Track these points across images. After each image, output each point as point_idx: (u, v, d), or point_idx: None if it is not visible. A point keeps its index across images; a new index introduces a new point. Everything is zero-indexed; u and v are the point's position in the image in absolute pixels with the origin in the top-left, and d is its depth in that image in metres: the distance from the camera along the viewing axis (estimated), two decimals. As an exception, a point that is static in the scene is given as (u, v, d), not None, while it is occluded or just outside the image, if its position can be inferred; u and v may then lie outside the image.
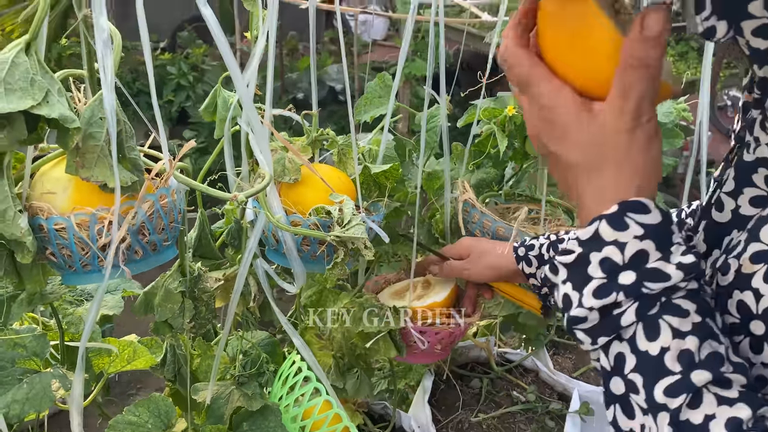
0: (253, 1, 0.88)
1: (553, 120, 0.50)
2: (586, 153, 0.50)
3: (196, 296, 0.87)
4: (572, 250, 0.51)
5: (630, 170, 0.49)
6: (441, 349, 1.07)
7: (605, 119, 0.49)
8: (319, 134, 1.03)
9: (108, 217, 0.67)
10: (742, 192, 0.56)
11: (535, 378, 1.40)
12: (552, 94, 0.50)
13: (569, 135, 0.50)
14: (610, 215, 0.49)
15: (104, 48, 0.62)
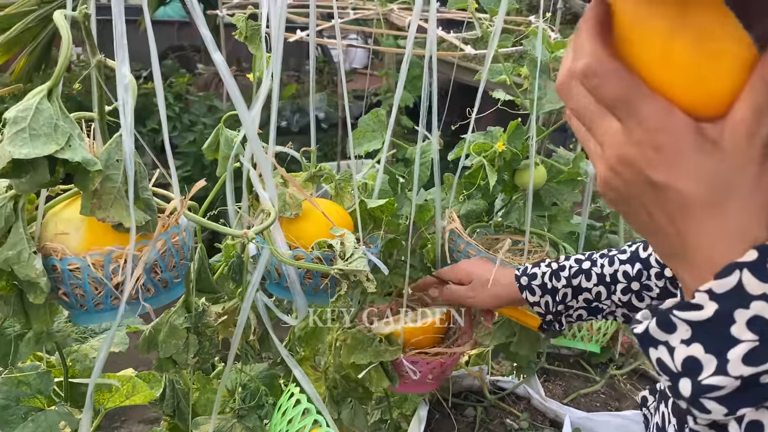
0: (257, 45, 0.91)
1: (662, 146, 0.41)
2: (706, 185, 0.41)
3: (200, 331, 0.89)
4: (702, 305, 0.42)
5: (757, 208, 0.42)
6: (433, 379, 1.09)
7: (731, 146, 0.41)
8: (317, 170, 1.06)
9: (123, 256, 0.69)
10: None
11: (527, 405, 1.42)
12: (661, 115, 0.41)
13: (684, 163, 0.41)
14: (753, 263, 0.41)
15: (125, 94, 0.64)
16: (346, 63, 6.59)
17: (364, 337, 0.98)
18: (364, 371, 1.03)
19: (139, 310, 0.74)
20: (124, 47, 0.68)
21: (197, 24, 0.75)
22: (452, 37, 2.43)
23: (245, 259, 0.94)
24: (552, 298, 1.00)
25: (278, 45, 0.85)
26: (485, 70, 1.20)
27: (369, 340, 0.99)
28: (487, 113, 1.43)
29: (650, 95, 0.41)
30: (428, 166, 1.22)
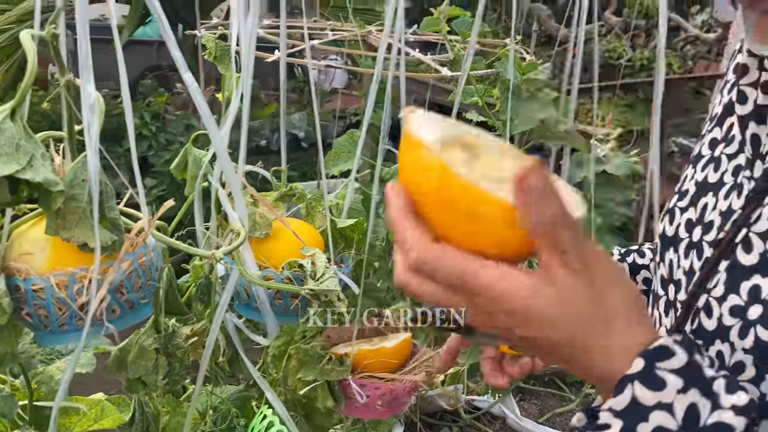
0: (227, 65, 0.92)
1: (512, 308, 0.43)
2: (567, 324, 0.43)
3: (170, 353, 0.88)
4: (609, 424, 0.43)
5: (620, 315, 0.44)
6: (382, 406, 1.05)
7: (565, 282, 0.43)
8: (288, 189, 1.06)
9: (88, 277, 0.68)
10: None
11: (502, 425, 1.42)
12: (497, 279, 0.43)
13: (539, 315, 0.43)
14: (641, 374, 0.42)
15: (90, 113, 0.64)
16: (326, 83, 6.63)
17: (315, 354, 0.98)
18: (307, 388, 1.02)
19: (103, 331, 0.73)
20: (89, 68, 0.68)
21: (168, 45, 0.75)
22: (428, 59, 2.46)
23: (213, 280, 0.93)
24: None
25: (248, 64, 0.85)
26: (458, 92, 1.22)
27: (319, 357, 0.98)
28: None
29: (480, 265, 0.43)
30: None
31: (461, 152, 0.46)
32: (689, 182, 0.67)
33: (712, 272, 0.57)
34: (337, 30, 3.26)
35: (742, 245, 0.54)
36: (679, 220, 0.65)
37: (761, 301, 0.51)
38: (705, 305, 0.56)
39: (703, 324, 0.56)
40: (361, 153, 1.17)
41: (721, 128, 0.65)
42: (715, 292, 0.55)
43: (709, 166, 0.64)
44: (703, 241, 0.60)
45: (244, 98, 0.88)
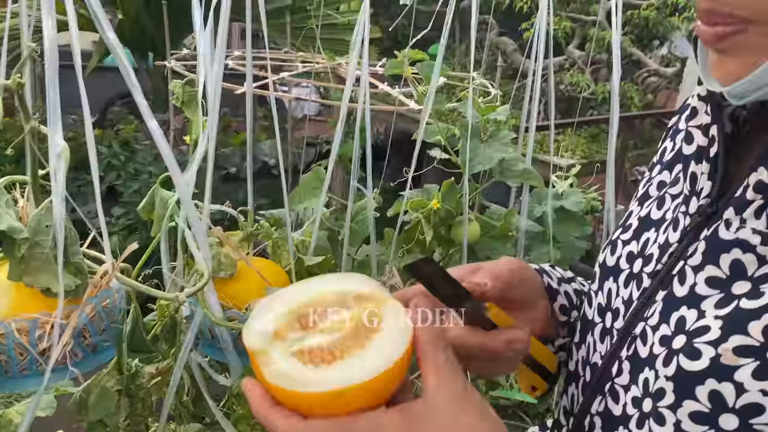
0: (194, 109, 0.94)
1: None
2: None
3: (132, 393, 0.88)
4: None
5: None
6: None
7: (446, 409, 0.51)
8: (254, 229, 1.08)
9: (50, 322, 0.69)
10: (703, 269, 0.55)
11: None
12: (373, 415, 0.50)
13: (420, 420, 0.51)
14: None
15: (57, 161, 0.66)
16: (298, 110, 6.66)
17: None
18: None
19: (66, 375, 0.74)
20: (57, 116, 0.69)
21: (132, 92, 0.77)
22: (396, 92, 2.50)
23: (179, 320, 0.94)
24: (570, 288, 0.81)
25: (214, 110, 0.88)
26: (420, 131, 1.26)
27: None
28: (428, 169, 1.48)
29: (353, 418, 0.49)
30: (366, 222, 1.26)
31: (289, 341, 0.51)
32: (633, 218, 0.70)
33: (650, 301, 0.59)
34: (307, 62, 3.31)
35: (678, 277, 0.57)
36: (620, 252, 0.68)
37: (685, 331, 0.53)
38: (641, 333, 0.59)
39: (638, 351, 0.58)
40: (330, 186, 1.20)
41: (671, 173, 0.69)
42: (651, 321, 0.58)
43: (653, 203, 0.68)
44: (642, 273, 0.63)
45: (209, 142, 0.90)
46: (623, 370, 0.60)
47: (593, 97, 4.37)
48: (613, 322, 0.65)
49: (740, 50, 0.50)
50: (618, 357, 0.61)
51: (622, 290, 0.65)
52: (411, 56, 1.26)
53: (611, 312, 0.66)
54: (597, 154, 3.81)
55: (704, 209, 0.58)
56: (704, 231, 0.57)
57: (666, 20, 4.74)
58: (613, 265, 0.67)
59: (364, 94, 1.12)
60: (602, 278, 0.69)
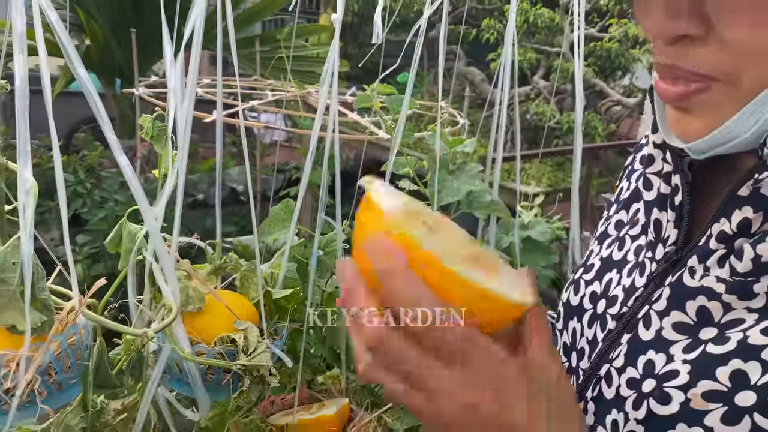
0: (163, 143, 0.94)
1: (500, 389, 0.44)
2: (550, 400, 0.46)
3: (97, 430, 0.87)
4: None
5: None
6: None
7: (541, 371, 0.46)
8: (222, 262, 1.08)
9: (15, 360, 0.68)
10: (669, 314, 0.56)
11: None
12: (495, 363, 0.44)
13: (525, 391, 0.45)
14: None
15: (26, 198, 0.66)
16: (267, 136, 6.66)
17: (255, 427, 0.98)
18: None
19: (31, 413, 0.72)
20: (27, 153, 0.69)
21: (103, 129, 0.77)
22: (366, 121, 2.54)
23: (145, 354, 0.93)
24: None
25: (184, 146, 0.88)
26: (390, 163, 1.28)
27: (259, 430, 0.99)
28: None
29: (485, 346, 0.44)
30: (335, 254, 1.26)
31: (424, 227, 0.45)
32: (595, 257, 0.71)
33: (615, 344, 0.60)
34: (277, 90, 3.33)
35: (643, 321, 0.58)
36: (584, 291, 0.68)
37: (654, 375, 0.54)
38: (606, 374, 0.59)
39: (603, 392, 0.59)
40: (297, 221, 1.21)
41: (627, 212, 0.70)
42: (616, 363, 0.59)
43: (614, 245, 0.69)
44: (606, 314, 0.63)
45: (179, 176, 0.90)
46: (588, 411, 0.61)
47: (558, 127, 4.49)
48: (578, 362, 0.65)
49: (703, 109, 0.49)
50: (584, 397, 0.61)
51: (586, 330, 0.65)
52: (379, 90, 1.28)
53: (576, 352, 0.66)
54: (563, 182, 3.90)
55: (670, 256, 0.58)
56: (669, 277, 0.58)
57: (627, 52, 4.90)
58: (577, 304, 0.68)
59: (333, 123, 1.14)
60: (566, 317, 0.70)
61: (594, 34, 4.92)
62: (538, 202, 1.61)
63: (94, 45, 3.98)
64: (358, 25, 5.98)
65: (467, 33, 4.98)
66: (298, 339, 1.23)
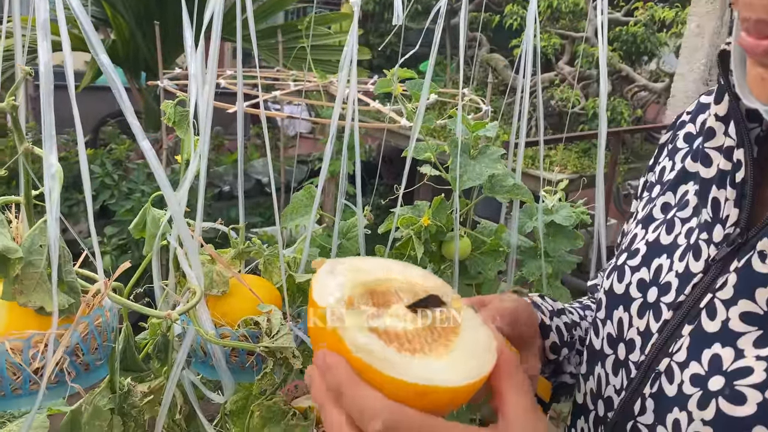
0: (185, 129, 0.95)
1: None
2: None
3: (125, 412, 0.88)
4: None
5: None
6: None
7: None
8: (245, 246, 1.09)
9: (43, 341, 0.70)
10: (736, 303, 0.52)
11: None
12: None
13: None
14: None
15: (51, 182, 0.67)
16: (290, 128, 6.69)
17: (278, 410, 0.99)
18: None
19: (59, 394, 0.74)
20: (52, 137, 0.70)
21: (125, 114, 0.78)
22: (387, 110, 2.53)
23: (171, 337, 0.95)
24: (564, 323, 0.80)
25: (206, 130, 0.89)
26: (410, 147, 1.27)
27: (282, 413, 1.00)
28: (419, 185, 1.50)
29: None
30: (357, 240, 1.27)
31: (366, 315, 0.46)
32: (639, 242, 0.66)
33: (674, 336, 0.56)
34: (299, 80, 3.34)
35: (706, 311, 0.54)
36: (629, 279, 0.64)
37: (722, 372, 0.50)
38: (667, 369, 0.55)
39: (663, 389, 0.55)
40: (319, 206, 1.21)
41: (675, 194, 0.65)
42: (677, 357, 0.55)
43: (661, 228, 0.64)
44: (660, 303, 0.59)
45: (201, 160, 0.91)
46: (647, 409, 0.57)
47: (584, 113, 4.43)
48: (627, 354, 0.61)
49: None
50: (641, 394, 0.58)
51: (636, 320, 0.61)
52: (400, 75, 1.28)
53: (624, 343, 0.62)
54: (588, 169, 3.85)
55: (733, 239, 0.54)
56: (734, 262, 0.54)
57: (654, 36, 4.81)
58: (623, 292, 0.64)
59: (352, 111, 1.14)
60: (611, 306, 0.65)
61: (619, 18, 4.84)
62: (562, 186, 1.59)
63: (119, 40, 4.03)
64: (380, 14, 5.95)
65: (490, 19, 4.94)
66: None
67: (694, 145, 0.67)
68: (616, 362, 0.63)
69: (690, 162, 0.65)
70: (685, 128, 0.69)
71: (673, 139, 0.71)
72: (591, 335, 0.68)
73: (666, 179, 0.69)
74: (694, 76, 2.76)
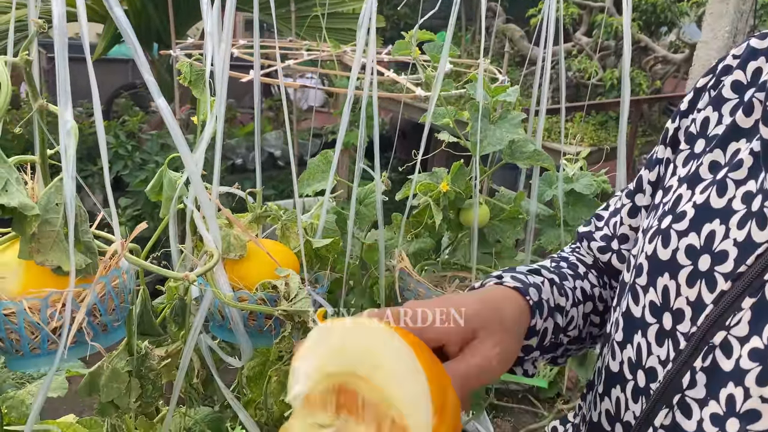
0: (202, 89, 0.93)
1: None
2: None
3: (142, 375, 0.88)
4: None
5: None
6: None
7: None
8: (262, 210, 1.08)
9: (61, 300, 0.69)
10: None
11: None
12: None
13: None
14: None
15: (67, 138, 0.65)
16: (303, 101, 6.65)
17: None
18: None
19: (77, 353, 0.73)
20: (67, 93, 0.69)
21: (140, 70, 0.76)
22: (403, 79, 2.49)
23: (188, 301, 0.94)
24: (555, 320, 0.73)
25: (222, 89, 0.87)
26: (429, 113, 1.25)
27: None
28: (435, 153, 1.47)
29: None
30: (374, 205, 1.25)
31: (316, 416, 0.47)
32: (686, 204, 0.61)
33: (733, 308, 0.53)
34: (313, 50, 3.29)
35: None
36: (677, 244, 0.59)
37: None
38: (723, 343, 0.52)
39: (718, 362, 0.52)
40: (336, 172, 1.19)
41: (724, 152, 0.60)
42: (735, 331, 0.52)
43: (710, 189, 0.59)
44: (715, 272, 0.55)
45: (218, 121, 0.89)
46: (697, 382, 0.54)
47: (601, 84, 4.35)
48: (675, 325, 0.58)
49: None
50: (690, 366, 0.55)
51: (685, 289, 0.57)
52: (419, 37, 1.24)
53: (671, 313, 0.58)
54: (605, 142, 3.80)
55: None
56: None
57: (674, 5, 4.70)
58: (668, 259, 0.60)
59: (370, 78, 1.11)
60: (654, 273, 0.61)
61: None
62: (584, 154, 1.56)
63: (131, 10, 3.99)
64: (394, -16, 5.87)
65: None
66: (337, 289, 1.23)
67: (745, 97, 0.60)
68: (661, 332, 0.59)
69: (741, 116, 0.59)
70: (732, 75, 0.63)
71: (717, 85, 0.65)
72: (629, 302, 0.64)
73: (712, 133, 0.63)
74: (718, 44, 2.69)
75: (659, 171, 0.71)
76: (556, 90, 3.54)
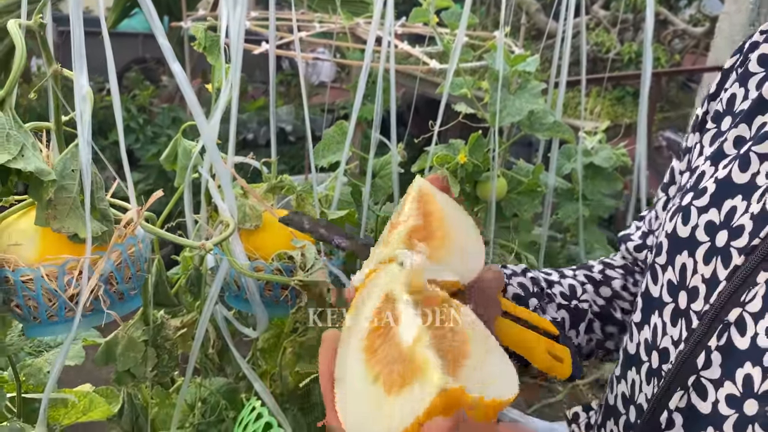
0: (216, 55, 0.91)
1: None
2: None
3: (158, 344, 0.88)
4: None
5: None
6: None
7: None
8: (277, 181, 1.06)
9: (78, 267, 0.68)
10: None
11: (490, 415, 1.43)
12: None
13: None
14: None
15: (82, 104, 0.64)
16: (314, 76, 6.60)
17: (310, 346, 0.98)
18: (304, 381, 1.02)
19: (95, 321, 0.73)
20: (82, 57, 0.67)
21: (155, 33, 0.75)
22: (417, 52, 2.45)
23: (203, 271, 0.93)
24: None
25: (237, 55, 0.85)
26: (447, 83, 1.22)
27: (314, 349, 0.98)
28: (451, 125, 1.45)
29: None
30: (390, 176, 1.23)
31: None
32: (708, 180, 0.59)
33: (747, 284, 0.51)
34: (325, 22, 3.25)
35: None
36: (696, 221, 0.57)
37: None
38: (738, 320, 0.50)
39: (733, 341, 0.50)
40: (350, 144, 1.18)
41: (750, 126, 0.58)
42: (750, 307, 0.50)
43: (732, 164, 0.57)
44: (730, 247, 0.53)
45: (233, 88, 0.88)
46: (712, 362, 0.52)
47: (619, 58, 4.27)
48: (689, 303, 0.56)
49: None
50: (705, 346, 0.53)
51: (702, 266, 0.55)
52: (436, 4, 1.22)
53: (686, 291, 0.57)
54: (622, 117, 3.74)
55: None
56: None
57: (694, -22, 4.60)
58: (687, 236, 0.57)
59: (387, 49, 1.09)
60: (673, 251, 0.59)
61: (658, -40, 4.63)
62: (603, 126, 1.53)
63: (142, -18, 3.96)
64: (407, -44, 5.78)
65: (522, -38, 4.76)
66: (352, 261, 1.22)
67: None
68: (676, 311, 0.57)
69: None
70: (759, 49, 0.61)
71: (744, 62, 0.63)
72: (648, 282, 0.62)
73: (738, 109, 0.61)
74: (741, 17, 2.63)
75: (689, 159, 0.69)
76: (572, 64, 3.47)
